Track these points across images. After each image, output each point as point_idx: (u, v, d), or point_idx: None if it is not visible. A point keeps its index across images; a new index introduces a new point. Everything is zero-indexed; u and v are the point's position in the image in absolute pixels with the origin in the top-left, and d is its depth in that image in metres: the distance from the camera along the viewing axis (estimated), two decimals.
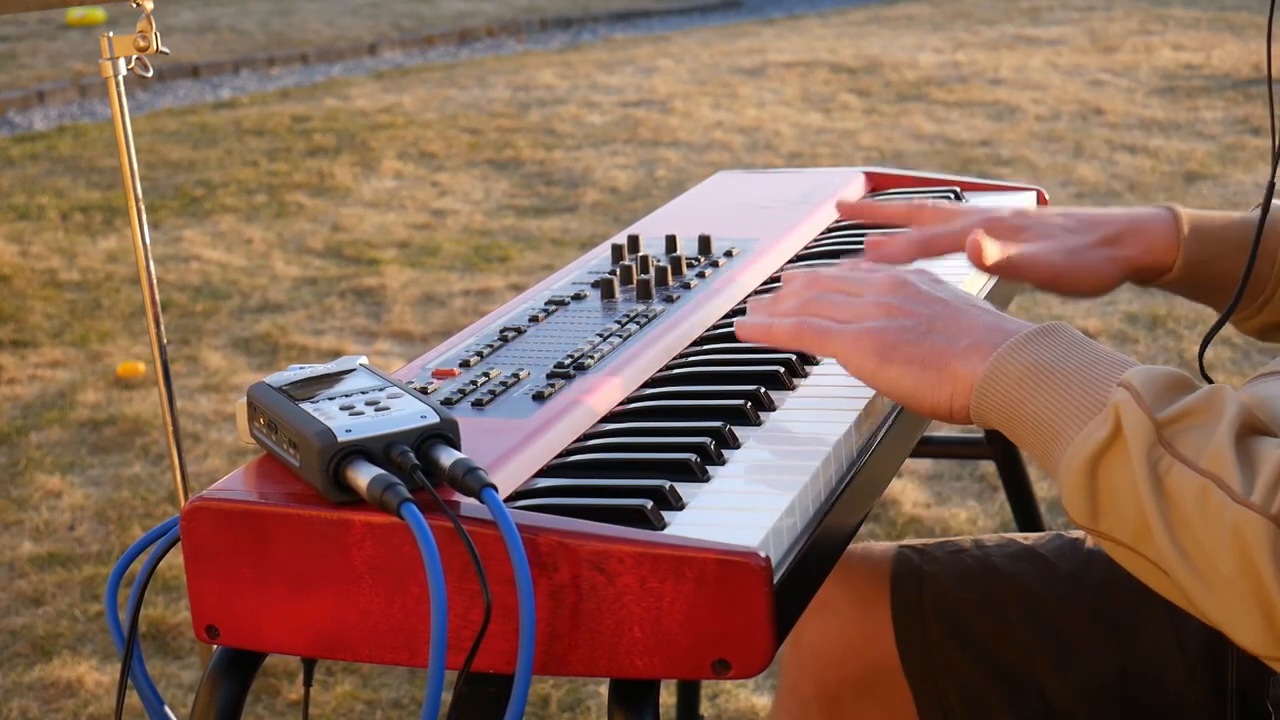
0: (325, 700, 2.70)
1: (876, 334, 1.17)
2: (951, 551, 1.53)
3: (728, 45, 9.35)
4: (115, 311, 4.82)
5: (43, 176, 6.59)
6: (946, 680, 1.49)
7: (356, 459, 1.04)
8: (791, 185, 1.90)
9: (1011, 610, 1.48)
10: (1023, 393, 1.09)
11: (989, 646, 1.48)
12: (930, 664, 1.49)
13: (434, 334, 4.52)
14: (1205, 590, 0.99)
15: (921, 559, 1.53)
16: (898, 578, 1.52)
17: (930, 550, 1.54)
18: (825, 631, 1.53)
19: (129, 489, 3.53)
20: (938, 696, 1.49)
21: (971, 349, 1.13)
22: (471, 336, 1.37)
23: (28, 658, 2.86)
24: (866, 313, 1.19)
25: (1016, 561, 1.51)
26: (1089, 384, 1.07)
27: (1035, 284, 1.46)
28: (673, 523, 1.05)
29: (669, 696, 2.19)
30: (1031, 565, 1.50)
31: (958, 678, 1.48)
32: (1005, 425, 1.11)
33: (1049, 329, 1.12)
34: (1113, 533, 1.04)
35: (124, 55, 1.87)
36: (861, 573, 1.54)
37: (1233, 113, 6.92)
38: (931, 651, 1.49)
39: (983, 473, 3.44)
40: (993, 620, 1.49)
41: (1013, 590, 1.49)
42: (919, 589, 1.51)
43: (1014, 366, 1.10)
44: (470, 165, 6.56)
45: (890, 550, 1.55)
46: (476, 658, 1.01)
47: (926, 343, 1.15)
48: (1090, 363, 1.08)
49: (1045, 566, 1.50)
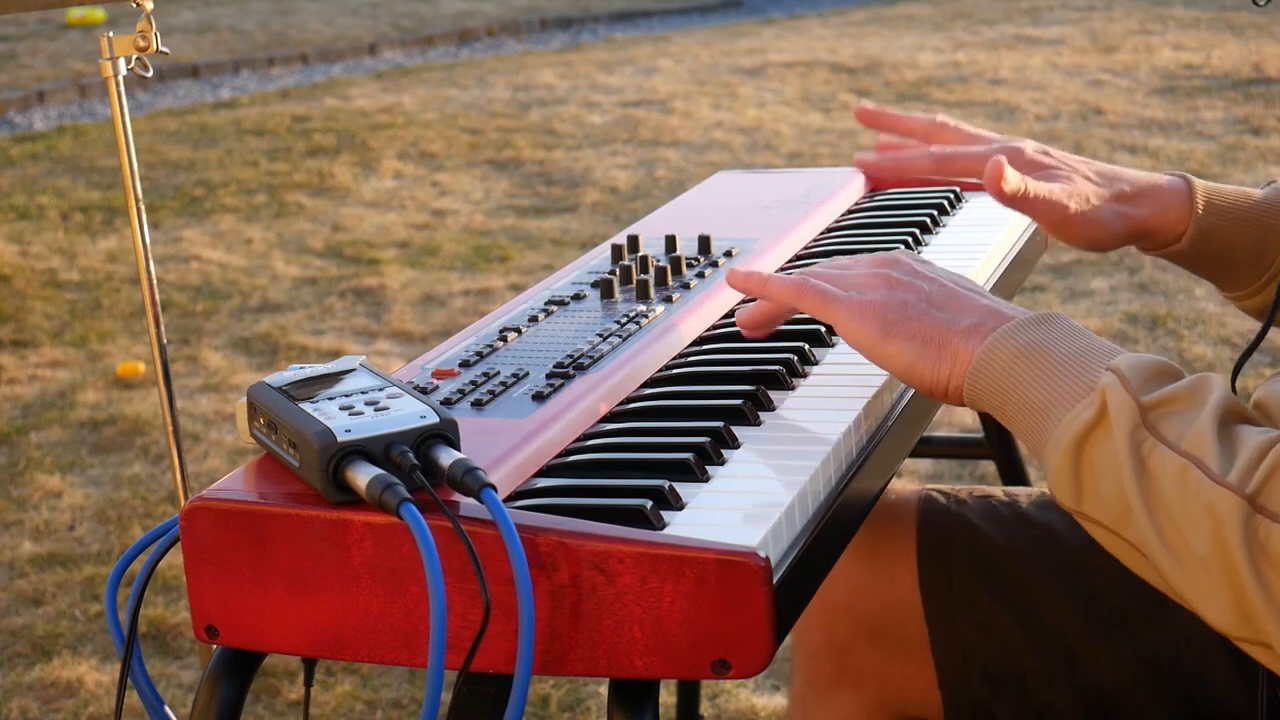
0: (325, 700, 2.70)
1: (880, 306, 1.17)
2: (980, 497, 1.53)
3: (728, 45, 9.35)
4: (115, 311, 4.82)
5: (43, 176, 6.59)
6: (968, 619, 1.47)
7: (356, 459, 1.04)
8: (791, 185, 1.90)
9: (1039, 556, 1.47)
10: (1015, 374, 1.10)
11: (1016, 590, 1.46)
12: (954, 602, 1.47)
13: (434, 334, 4.52)
14: (1180, 570, 1.00)
15: (949, 500, 1.52)
16: (925, 514, 1.50)
17: (958, 494, 1.53)
18: (832, 578, 1.49)
19: (129, 489, 3.53)
20: (956, 635, 1.47)
21: (972, 329, 1.14)
22: (471, 336, 1.37)
23: (28, 658, 2.86)
24: (867, 282, 1.20)
25: (1046, 510, 1.50)
26: (1079, 369, 1.08)
27: (1043, 223, 1.45)
28: (672, 523, 1.05)
29: (669, 696, 2.19)
30: (1062, 515, 1.48)
31: (980, 617, 1.46)
32: (997, 406, 1.12)
33: (1047, 316, 1.13)
34: (1095, 514, 1.05)
35: (124, 55, 1.87)
36: (877, 515, 1.51)
37: (1233, 113, 6.92)
38: (956, 589, 1.47)
39: (983, 473, 3.44)
40: (1020, 564, 1.47)
41: (1042, 536, 1.48)
42: (948, 525, 1.49)
43: (1009, 348, 1.11)
44: (470, 165, 6.56)
45: (914, 493, 1.54)
46: (476, 658, 1.01)
47: (929, 319, 1.16)
48: (1082, 349, 1.10)
49: (1075, 520, 1.49)
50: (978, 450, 2.13)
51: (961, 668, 1.47)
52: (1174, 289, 4.63)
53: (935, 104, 7.37)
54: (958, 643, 1.47)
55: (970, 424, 3.61)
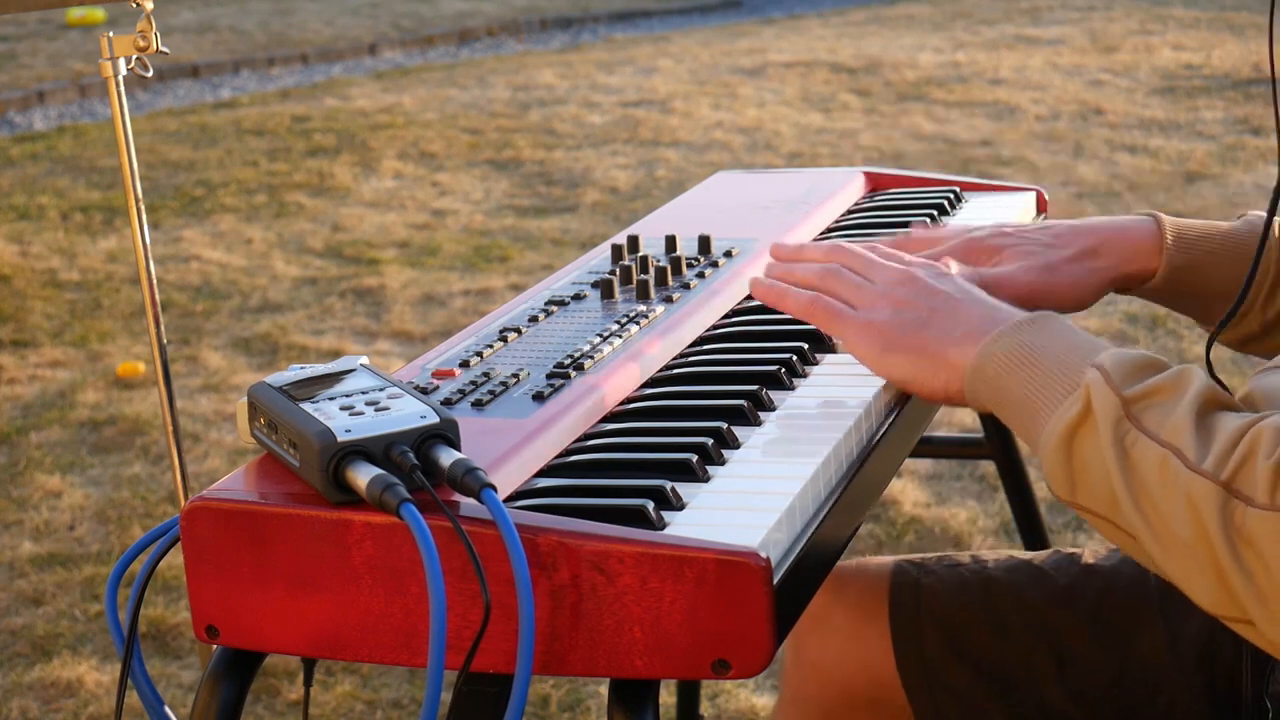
0: (325, 700, 2.70)
1: (881, 326, 1.24)
2: (949, 565, 1.55)
3: (728, 45, 9.35)
4: (115, 311, 4.82)
5: (43, 176, 6.59)
6: (944, 693, 1.49)
7: (356, 459, 1.04)
8: (791, 185, 1.90)
9: (1009, 619, 1.49)
10: (1008, 375, 1.15)
11: (986, 656, 1.48)
12: (928, 676, 1.50)
13: (434, 334, 4.52)
14: (1165, 554, 1.05)
15: (919, 571, 1.53)
16: (895, 589, 1.52)
17: (927, 564, 1.55)
18: (825, 647, 1.54)
19: (129, 489, 3.53)
20: (935, 709, 1.49)
21: (965, 337, 1.20)
22: (471, 336, 1.37)
23: (28, 658, 2.86)
24: (875, 303, 1.26)
25: (1014, 573, 1.52)
26: (1067, 367, 1.13)
27: (1013, 302, 1.46)
28: (673, 523, 1.05)
29: (669, 696, 2.19)
30: (1029, 577, 1.51)
31: (955, 690, 1.49)
32: (995, 406, 1.18)
33: (1036, 318, 1.18)
34: (1088, 504, 1.09)
35: (124, 55, 1.87)
36: (859, 588, 1.55)
37: (1233, 113, 6.92)
38: (929, 663, 1.50)
39: (983, 473, 3.44)
40: (990, 630, 1.49)
41: (1010, 600, 1.50)
42: (916, 600, 1.52)
43: (1000, 351, 1.16)
44: (470, 165, 6.56)
45: (887, 564, 1.56)
46: (476, 658, 1.01)
47: (924, 333, 1.22)
48: (1070, 347, 1.14)
49: (1042, 577, 1.50)
50: (978, 450, 2.13)
51: None
52: None
53: (935, 104, 7.37)
54: (936, 715, 1.50)
55: (970, 424, 3.61)
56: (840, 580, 1.54)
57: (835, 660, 1.54)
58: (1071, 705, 1.46)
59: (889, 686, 1.52)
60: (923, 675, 1.50)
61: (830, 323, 1.28)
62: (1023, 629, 1.48)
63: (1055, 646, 1.47)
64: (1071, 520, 3.24)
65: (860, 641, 1.53)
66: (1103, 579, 1.48)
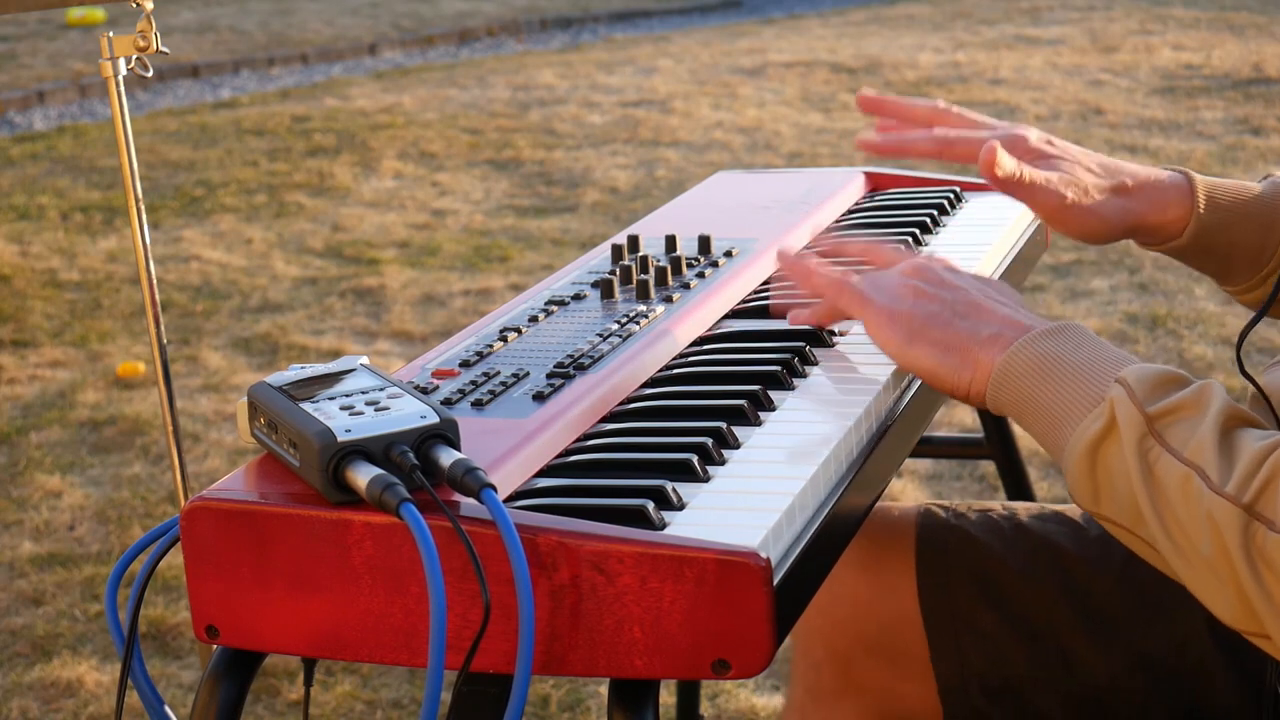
0: (325, 700, 2.70)
1: (907, 315, 1.23)
2: (980, 511, 1.55)
3: (728, 45, 9.35)
4: (115, 311, 4.82)
5: (43, 176, 6.59)
6: (968, 634, 1.48)
7: (356, 459, 1.04)
8: (791, 185, 1.90)
9: (1038, 566, 1.49)
10: (1033, 384, 1.16)
11: (1013, 600, 1.48)
12: (953, 616, 1.49)
13: (434, 334, 4.52)
14: (1188, 568, 1.06)
15: (948, 514, 1.54)
16: (924, 529, 1.52)
17: (957, 508, 1.55)
18: (837, 592, 1.53)
19: (129, 489, 3.53)
20: (956, 648, 1.48)
21: (992, 339, 1.19)
22: (471, 336, 1.37)
23: (28, 658, 2.86)
24: (897, 291, 1.25)
25: (1045, 522, 1.52)
26: (1091, 379, 1.13)
27: (1039, 211, 1.46)
28: (673, 523, 1.05)
29: (669, 696, 2.19)
30: (1060, 526, 1.52)
31: (980, 631, 1.48)
32: (1016, 413, 1.18)
33: (1062, 328, 1.18)
34: (1112, 515, 1.11)
35: (124, 55, 1.87)
36: (879, 530, 1.54)
37: (1233, 113, 6.92)
38: (955, 603, 1.49)
39: (983, 473, 3.44)
40: (1018, 575, 1.49)
41: (1041, 546, 1.50)
42: (946, 539, 1.51)
43: (1027, 359, 1.16)
44: (470, 165, 6.56)
45: (911, 510, 1.55)
46: (476, 658, 1.01)
47: (951, 329, 1.21)
48: (1095, 359, 1.15)
49: (1075, 529, 1.51)
50: (978, 450, 2.13)
51: (961, 680, 1.49)
52: (1174, 289, 4.63)
53: None
54: (957, 655, 1.49)
55: (970, 424, 3.61)
56: None
57: (847, 601, 1.54)
58: (1095, 655, 1.46)
59: (903, 625, 1.51)
60: (948, 613, 1.49)
61: (857, 306, 1.27)
62: (1051, 576, 1.49)
63: (1082, 596, 1.47)
64: None
65: (878, 581, 1.53)
66: None
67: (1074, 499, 1.13)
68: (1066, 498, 3.28)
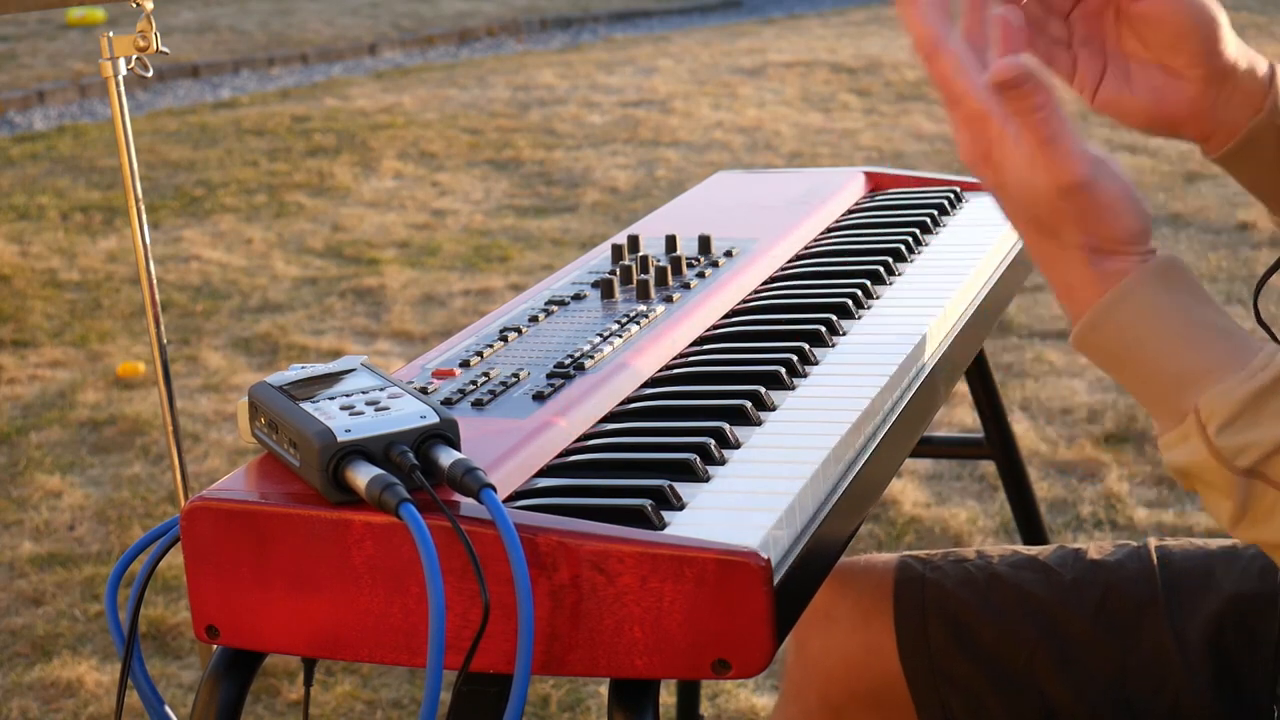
0: (325, 700, 2.70)
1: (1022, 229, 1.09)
2: (954, 561, 1.55)
3: (728, 45, 9.35)
4: (115, 311, 4.82)
5: (43, 176, 6.59)
6: (948, 686, 1.49)
7: (356, 459, 1.04)
8: (791, 185, 1.90)
9: (1013, 614, 1.49)
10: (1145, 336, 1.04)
11: (990, 651, 1.49)
12: (932, 671, 1.50)
13: (434, 334, 4.52)
14: None
15: (924, 567, 1.54)
16: (900, 585, 1.52)
17: (933, 559, 1.55)
18: (828, 645, 1.54)
19: (129, 489, 3.53)
20: (940, 705, 1.50)
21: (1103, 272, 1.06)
22: (471, 336, 1.37)
23: (28, 658, 2.86)
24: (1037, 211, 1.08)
25: (1018, 569, 1.52)
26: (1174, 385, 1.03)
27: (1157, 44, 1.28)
28: (673, 523, 1.05)
29: (669, 696, 2.19)
30: (1033, 573, 1.51)
31: (958, 683, 1.49)
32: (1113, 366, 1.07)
33: (1168, 266, 1.06)
34: None
35: (124, 55, 1.87)
36: (864, 584, 1.55)
37: None
38: (934, 658, 1.50)
39: (983, 473, 3.44)
40: (994, 625, 1.49)
41: (1014, 594, 1.50)
42: (921, 594, 1.52)
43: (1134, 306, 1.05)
44: (470, 165, 6.56)
45: (892, 560, 1.56)
46: (476, 657, 1.01)
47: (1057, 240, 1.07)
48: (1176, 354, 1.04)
49: (1047, 573, 1.50)
50: (978, 450, 2.13)
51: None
52: None
53: (935, 104, 7.37)
54: (940, 708, 1.50)
55: (970, 424, 3.61)
56: (844, 576, 1.54)
57: (838, 656, 1.54)
58: (1074, 700, 1.46)
59: (892, 682, 1.52)
60: (927, 669, 1.50)
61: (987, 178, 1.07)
62: (1027, 624, 1.49)
63: (1059, 641, 1.47)
64: (1071, 520, 3.24)
65: (864, 637, 1.53)
66: (1107, 574, 1.48)
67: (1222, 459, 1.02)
68: (1053, 510, 3.28)
